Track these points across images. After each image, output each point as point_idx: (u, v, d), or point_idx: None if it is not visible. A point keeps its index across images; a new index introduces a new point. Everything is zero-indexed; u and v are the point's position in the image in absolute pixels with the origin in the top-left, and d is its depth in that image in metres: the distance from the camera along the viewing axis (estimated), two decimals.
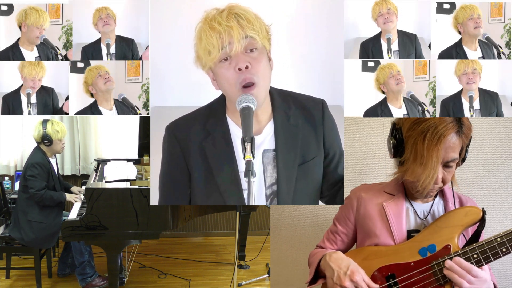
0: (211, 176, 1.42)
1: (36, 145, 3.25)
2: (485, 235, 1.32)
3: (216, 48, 1.34)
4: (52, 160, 3.27)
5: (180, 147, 1.44)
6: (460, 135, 1.31)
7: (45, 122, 3.18)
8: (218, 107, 1.47)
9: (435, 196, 1.47)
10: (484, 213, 1.34)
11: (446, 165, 1.33)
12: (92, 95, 1.81)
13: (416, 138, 1.32)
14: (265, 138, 1.45)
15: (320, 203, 1.54)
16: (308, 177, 1.46)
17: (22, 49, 1.79)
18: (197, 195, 1.45)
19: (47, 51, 1.80)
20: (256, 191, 1.43)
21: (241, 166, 1.40)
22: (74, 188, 3.53)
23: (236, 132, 1.44)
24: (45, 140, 3.17)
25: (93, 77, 1.79)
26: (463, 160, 1.37)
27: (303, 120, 1.47)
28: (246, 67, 1.34)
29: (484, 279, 1.26)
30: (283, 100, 1.48)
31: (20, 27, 1.79)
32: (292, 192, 1.44)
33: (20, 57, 1.79)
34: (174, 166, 1.46)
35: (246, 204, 1.32)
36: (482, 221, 1.34)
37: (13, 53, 1.79)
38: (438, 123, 1.29)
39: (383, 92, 1.83)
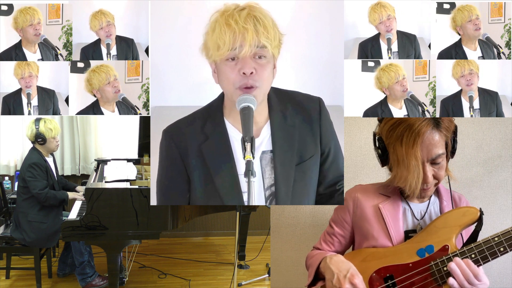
0: (210, 179, 1.41)
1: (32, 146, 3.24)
2: (485, 235, 1.31)
3: (226, 46, 1.31)
4: (49, 159, 3.26)
5: (178, 151, 1.43)
6: (439, 129, 1.32)
7: (37, 121, 3.16)
8: (216, 110, 1.45)
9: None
10: (481, 213, 1.34)
11: (433, 162, 1.34)
12: (94, 95, 1.78)
13: (394, 144, 1.35)
14: (263, 140, 1.44)
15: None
16: (307, 177, 1.46)
17: (25, 50, 1.79)
18: (196, 200, 1.44)
19: (47, 51, 1.79)
20: (256, 193, 1.42)
21: (240, 169, 1.40)
22: (80, 188, 3.49)
23: (234, 134, 1.43)
24: (39, 139, 3.16)
25: (101, 83, 1.76)
26: (452, 152, 1.38)
27: (300, 119, 1.47)
28: (251, 73, 1.33)
29: (487, 285, 1.27)
30: (280, 99, 1.47)
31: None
32: (290, 192, 1.43)
33: (23, 58, 1.78)
34: (172, 170, 1.45)
35: (246, 204, 1.32)
36: (479, 221, 1.34)
37: (16, 54, 1.79)
38: (412, 123, 1.31)
39: (384, 92, 1.82)
